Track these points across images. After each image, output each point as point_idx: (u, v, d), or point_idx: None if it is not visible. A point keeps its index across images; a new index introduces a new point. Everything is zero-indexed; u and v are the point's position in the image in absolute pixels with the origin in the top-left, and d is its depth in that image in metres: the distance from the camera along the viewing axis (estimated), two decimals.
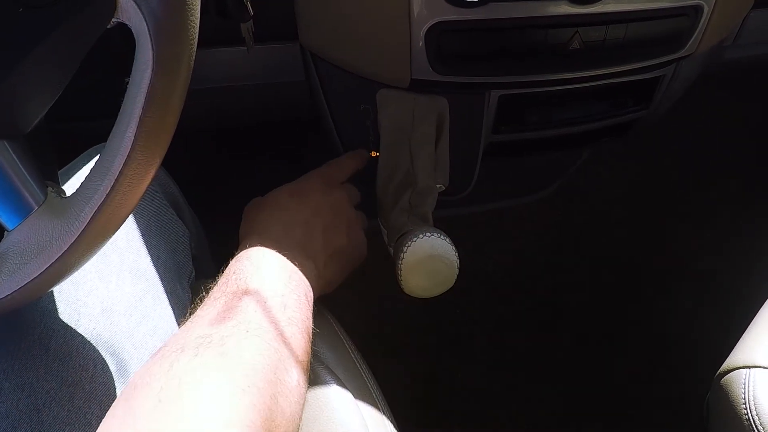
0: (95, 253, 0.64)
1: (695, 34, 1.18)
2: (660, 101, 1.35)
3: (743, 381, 1.00)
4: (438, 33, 1.06)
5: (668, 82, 1.31)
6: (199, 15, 0.60)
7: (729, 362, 1.05)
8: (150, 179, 0.62)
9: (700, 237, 2.07)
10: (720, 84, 1.95)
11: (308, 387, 0.93)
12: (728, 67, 1.49)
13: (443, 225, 1.06)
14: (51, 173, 0.70)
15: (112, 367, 0.81)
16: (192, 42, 0.59)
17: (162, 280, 0.95)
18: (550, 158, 2.05)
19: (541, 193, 2.09)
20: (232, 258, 0.90)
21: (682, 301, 1.94)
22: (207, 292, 0.81)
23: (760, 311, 1.13)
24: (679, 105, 1.43)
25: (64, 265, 0.62)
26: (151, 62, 0.57)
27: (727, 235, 2.06)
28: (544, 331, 1.89)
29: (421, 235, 1.00)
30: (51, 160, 0.72)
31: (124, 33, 0.60)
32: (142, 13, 0.57)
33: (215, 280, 0.84)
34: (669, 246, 2.06)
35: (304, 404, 0.76)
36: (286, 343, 0.75)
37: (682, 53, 1.21)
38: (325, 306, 1.08)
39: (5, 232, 0.65)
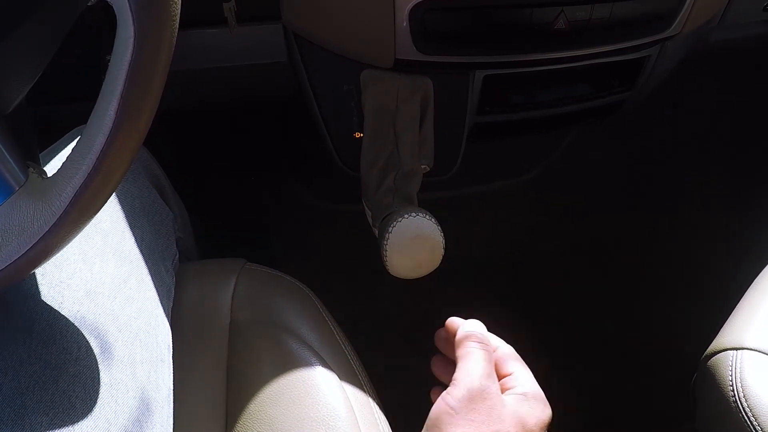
0: (77, 234, 0.63)
1: (680, 14, 1.18)
2: (644, 82, 1.35)
3: (730, 363, 1.00)
4: (422, 12, 1.05)
5: (653, 63, 1.31)
6: None
7: (716, 344, 1.05)
8: (132, 159, 0.61)
9: (685, 221, 2.07)
10: (705, 66, 1.95)
11: (293, 369, 0.93)
12: (713, 48, 1.49)
13: (428, 207, 1.06)
14: (32, 154, 0.69)
15: (97, 350, 0.80)
16: (174, 18, 0.58)
17: (146, 262, 0.94)
18: (534, 140, 2.05)
19: (526, 176, 2.09)
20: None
21: (667, 285, 1.95)
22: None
23: (746, 294, 1.13)
24: (663, 87, 1.43)
25: (46, 246, 0.61)
26: (132, 39, 0.56)
27: (713, 219, 2.06)
28: (527, 314, 1.89)
29: (406, 216, 0.99)
30: (32, 141, 0.71)
31: (105, 10, 0.60)
32: None
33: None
34: (654, 229, 2.07)
35: None
36: None
37: (667, 34, 1.21)
38: (310, 288, 1.08)
39: None
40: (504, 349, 0.84)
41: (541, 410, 0.77)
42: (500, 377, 0.80)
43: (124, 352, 0.83)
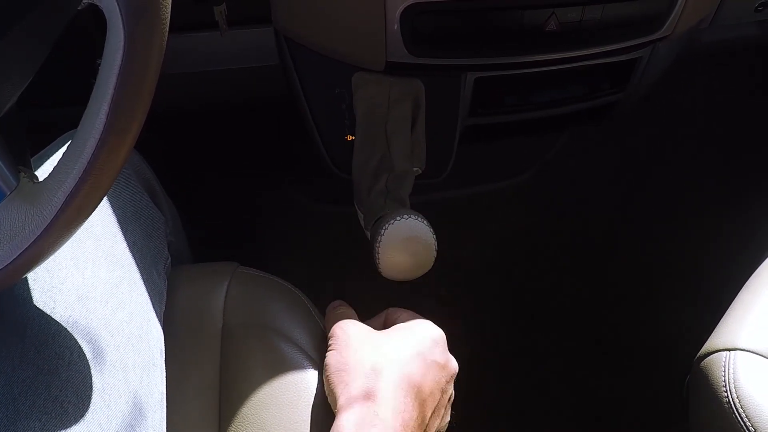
0: (69, 238, 0.63)
1: (672, 15, 1.18)
2: (637, 84, 1.35)
3: (723, 363, 1.00)
4: (413, 14, 1.05)
5: (645, 64, 1.32)
6: None
7: (709, 345, 1.05)
8: (123, 162, 0.61)
9: (679, 221, 2.07)
10: (697, 67, 1.96)
11: (286, 372, 0.93)
12: (706, 49, 1.49)
13: (420, 209, 1.06)
14: (23, 158, 0.69)
15: (89, 355, 0.80)
16: (164, 22, 0.58)
17: (138, 266, 0.94)
18: (527, 142, 2.05)
19: (519, 178, 2.09)
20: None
21: (661, 285, 1.95)
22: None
23: (738, 295, 1.13)
24: (656, 89, 1.43)
25: (38, 251, 0.61)
26: (122, 43, 0.56)
27: (707, 219, 2.06)
28: (520, 315, 1.90)
29: (398, 218, 0.99)
30: (23, 145, 0.71)
31: (96, 14, 0.60)
32: None
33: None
34: (647, 230, 2.07)
35: None
36: None
37: (659, 35, 1.21)
38: (301, 290, 1.08)
39: None
40: (391, 310, 0.99)
41: (416, 342, 0.87)
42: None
43: (117, 357, 0.83)
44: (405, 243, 0.99)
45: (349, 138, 1.20)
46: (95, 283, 0.85)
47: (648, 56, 1.30)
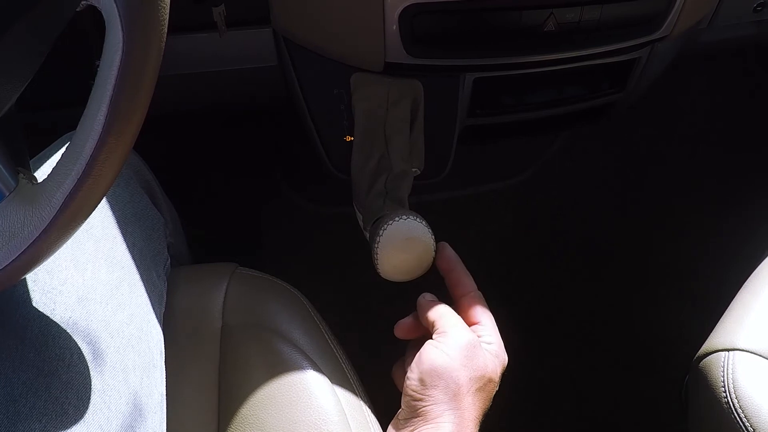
0: (68, 239, 0.63)
1: (671, 15, 1.18)
2: (635, 84, 1.35)
3: (722, 364, 1.00)
4: (412, 15, 1.05)
5: (643, 64, 1.31)
6: None
7: (708, 345, 1.05)
8: (122, 163, 0.61)
9: (677, 222, 2.07)
10: (696, 67, 1.95)
11: (285, 373, 0.93)
12: (704, 50, 1.49)
13: (419, 210, 1.06)
14: (22, 159, 0.69)
15: (89, 356, 0.80)
16: (163, 23, 0.58)
17: (138, 267, 0.94)
18: (526, 143, 2.05)
19: (517, 178, 2.09)
20: None
21: (659, 285, 1.95)
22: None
23: (737, 295, 1.13)
24: (655, 89, 1.43)
25: (37, 252, 0.61)
26: (121, 44, 0.56)
27: (705, 220, 2.06)
28: (519, 315, 1.89)
29: (397, 218, 0.99)
30: (22, 147, 0.71)
31: (95, 15, 0.60)
32: None
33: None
34: (646, 230, 2.06)
35: None
36: None
37: (657, 35, 1.21)
38: (300, 291, 1.08)
39: None
40: (475, 295, 0.95)
41: (502, 358, 0.89)
42: (469, 324, 0.89)
43: (116, 358, 0.83)
44: (404, 243, 0.99)
45: (348, 139, 1.19)
46: (95, 285, 0.85)
47: (647, 57, 1.30)
